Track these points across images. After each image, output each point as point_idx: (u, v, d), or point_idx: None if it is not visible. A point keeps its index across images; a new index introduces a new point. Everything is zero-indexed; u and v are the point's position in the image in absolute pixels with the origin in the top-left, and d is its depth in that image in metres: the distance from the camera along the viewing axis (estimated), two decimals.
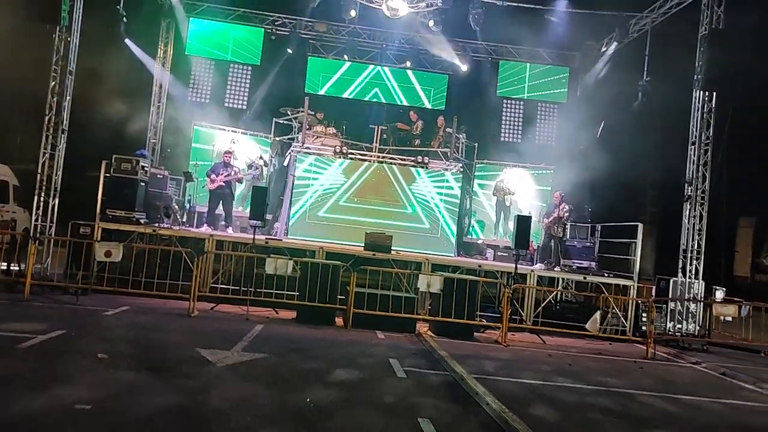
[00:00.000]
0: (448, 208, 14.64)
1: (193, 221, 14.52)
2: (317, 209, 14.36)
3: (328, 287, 10.36)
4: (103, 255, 10.06)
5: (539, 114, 17.57)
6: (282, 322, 10.34)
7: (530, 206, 15.83)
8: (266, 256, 10.49)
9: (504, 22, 15.60)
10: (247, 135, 15.91)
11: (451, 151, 15.20)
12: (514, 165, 16.29)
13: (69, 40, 11.08)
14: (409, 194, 14.60)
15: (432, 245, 14.42)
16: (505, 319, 10.42)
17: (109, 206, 11.88)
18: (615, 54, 15.38)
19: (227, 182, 13.33)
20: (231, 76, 17.04)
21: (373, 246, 12.20)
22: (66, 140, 11.29)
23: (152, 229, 11.85)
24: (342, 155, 14.69)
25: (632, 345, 11.57)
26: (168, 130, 16.40)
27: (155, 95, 16.44)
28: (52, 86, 11.07)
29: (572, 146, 16.56)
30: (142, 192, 12.34)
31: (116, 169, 11.93)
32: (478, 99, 17.31)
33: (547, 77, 17.37)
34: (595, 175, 14.99)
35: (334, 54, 17.41)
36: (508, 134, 17.61)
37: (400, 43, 17.17)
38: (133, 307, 10.12)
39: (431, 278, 10.40)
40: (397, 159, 15.19)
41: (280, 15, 16.90)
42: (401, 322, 10.33)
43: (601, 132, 15.10)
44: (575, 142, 16.51)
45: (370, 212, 14.44)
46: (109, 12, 12.94)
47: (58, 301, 9.94)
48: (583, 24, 15.41)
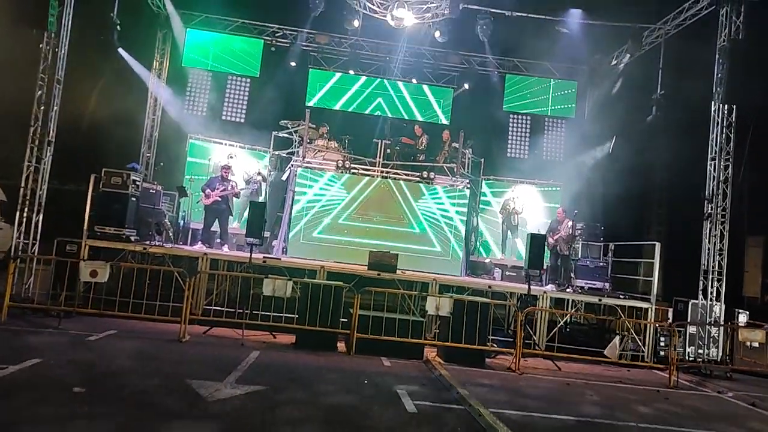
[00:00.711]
0: (455, 226, 14.00)
1: (186, 239, 13.87)
2: (318, 226, 13.71)
3: (329, 310, 9.69)
4: (88, 275, 9.37)
5: (546, 129, 17.04)
6: (280, 347, 9.64)
7: (539, 224, 15.20)
8: (264, 277, 9.82)
9: (511, 34, 15.15)
10: (245, 149, 15.31)
11: (457, 167, 14.61)
12: (521, 181, 15.69)
13: (57, 47, 10.50)
14: (414, 211, 13.97)
15: (438, 264, 13.76)
16: (518, 345, 9.74)
17: (98, 223, 11.23)
18: (626, 67, 14.87)
19: (223, 197, 12.69)
20: (229, 89, 16.49)
21: (378, 265, 11.54)
22: (52, 152, 10.66)
23: (143, 247, 11.18)
24: (344, 170, 14.09)
25: (651, 371, 10.91)
26: (163, 143, 15.80)
27: (150, 107, 15.87)
28: (38, 95, 10.47)
29: (581, 162, 16.00)
30: (133, 208, 11.70)
31: (106, 183, 11.30)
32: (484, 113, 16.76)
33: (555, 92, 16.85)
34: (607, 192, 14.42)
35: (335, 66, 16.89)
36: (515, 150, 17.05)
37: (404, 55, 16.65)
38: (121, 331, 9.44)
39: (440, 300, 9.73)
40: (401, 174, 14.59)
41: (280, 26, 16.40)
42: (408, 347, 9.65)
43: (613, 147, 14.53)
44: (584, 158, 15.96)
45: (373, 229, 13.80)
46: (102, 20, 12.39)
47: (38, 325, 9.23)
48: (592, 37, 14.92)
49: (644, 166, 13.89)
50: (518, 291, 11.90)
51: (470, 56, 16.65)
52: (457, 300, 9.85)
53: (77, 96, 11.56)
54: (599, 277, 13.18)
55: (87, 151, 12.75)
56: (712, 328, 11.39)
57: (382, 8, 13.74)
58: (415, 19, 13.61)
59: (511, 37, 15.42)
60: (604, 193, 14.37)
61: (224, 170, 12.98)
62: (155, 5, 15.35)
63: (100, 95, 12.65)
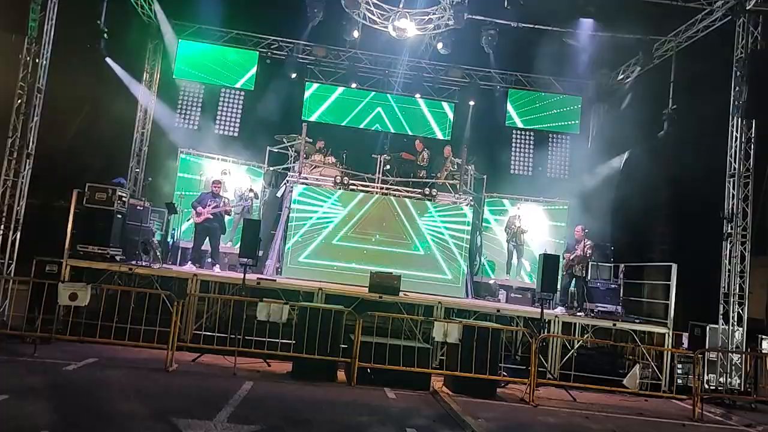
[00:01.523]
0: (458, 245, 13.34)
1: (176, 258, 13.14)
2: (315, 245, 13.00)
3: (329, 336, 8.97)
4: (67, 298, 8.62)
5: (551, 145, 16.50)
6: (275, 377, 8.89)
7: (544, 243, 14.59)
8: (258, 300, 9.09)
9: (515, 47, 14.69)
10: (238, 164, 14.64)
11: (460, 183, 14.01)
12: (525, 199, 15.09)
13: (38, 55, 9.84)
14: (415, 229, 13.30)
15: (441, 285, 13.08)
16: (533, 374, 9.04)
17: (81, 241, 10.51)
18: (635, 82, 14.40)
19: (215, 215, 11.98)
20: (222, 102, 15.86)
21: (379, 287, 10.85)
22: (32, 166, 9.95)
23: (128, 268, 10.44)
24: (342, 186, 13.44)
25: (669, 401, 10.24)
26: (152, 158, 15.12)
27: (139, 121, 15.20)
28: (17, 105, 9.78)
29: (588, 179, 15.46)
30: (118, 225, 11.00)
31: (90, 199, 10.60)
32: (486, 129, 16.23)
33: (559, 107, 16.34)
34: (616, 211, 13.85)
35: (333, 80, 16.32)
36: (519, 166, 16.49)
37: (404, 69, 16.12)
38: (102, 359, 8.69)
39: (448, 326, 9.03)
40: (401, 191, 13.96)
41: (276, 38, 15.84)
42: (413, 377, 8.92)
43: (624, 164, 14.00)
44: (592, 175, 15.42)
45: (373, 249, 13.10)
46: (88, 27, 11.76)
47: (12, 353, 8.45)
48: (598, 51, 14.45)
49: (656, 184, 13.32)
50: (528, 315, 11.23)
51: (472, 70, 16.14)
52: (466, 325, 9.15)
53: (60, 106, 10.83)
54: (611, 300, 12.58)
55: (70, 166, 12.00)
56: (734, 355, 10.74)
57: (382, 19, 13.21)
58: (417, 31, 13.07)
59: (515, 50, 14.96)
60: (613, 211, 13.78)
61: (215, 186, 12.29)
62: (146, 15, 14.77)
63: (85, 106, 11.94)
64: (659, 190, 13.55)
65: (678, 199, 12.82)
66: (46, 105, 10.16)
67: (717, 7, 11.61)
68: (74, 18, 10.99)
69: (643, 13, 12.60)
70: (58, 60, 10.32)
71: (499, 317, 11.22)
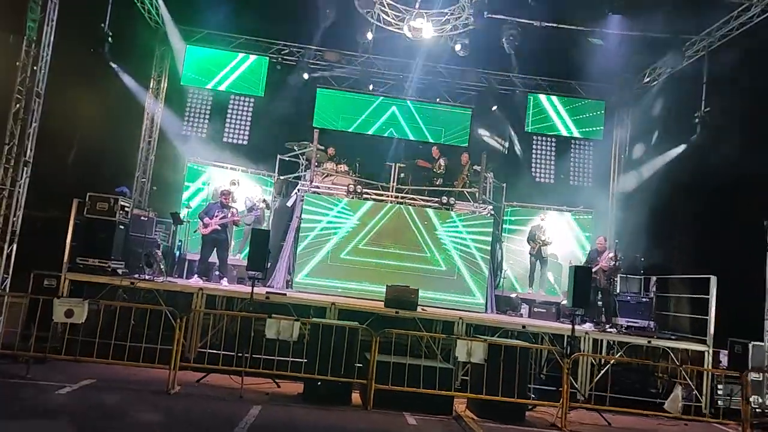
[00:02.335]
0: (477, 257, 12.63)
1: (182, 271, 12.56)
2: (327, 257, 12.36)
3: (343, 354, 8.32)
4: (62, 315, 8.03)
5: (573, 152, 15.79)
6: (285, 399, 8.24)
7: (568, 254, 13.86)
8: (266, 316, 8.45)
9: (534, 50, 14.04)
10: (247, 173, 14.08)
11: (479, 192, 13.33)
12: (548, 208, 14.37)
13: (38, 57, 9.34)
14: (433, 240, 12.61)
15: (460, 300, 12.39)
16: (565, 397, 8.30)
17: (81, 253, 9.96)
18: (663, 83, 13.71)
19: (223, 226, 11.39)
20: (231, 109, 15.35)
21: (396, 302, 10.17)
22: (29, 174, 9.42)
23: (130, 281, 9.85)
24: (356, 195, 12.81)
25: (710, 425, 9.43)
26: (158, 167, 14.62)
27: (146, 129, 14.73)
28: (15, 110, 9.27)
29: (613, 187, 14.74)
30: (120, 237, 10.44)
31: (90, 209, 10.05)
32: (505, 135, 15.54)
33: (581, 112, 15.66)
34: (645, 220, 13.09)
35: (346, 85, 15.77)
36: (540, 174, 15.77)
37: (419, 74, 15.52)
38: (100, 380, 8.10)
39: (472, 344, 8.32)
40: (417, 200, 13.31)
41: (286, 43, 15.34)
42: (434, 400, 8.23)
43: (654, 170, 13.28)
44: (618, 183, 14.71)
45: (388, 261, 12.43)
46: (92, 31, 11.27)
47: (3, 374, 7.86)
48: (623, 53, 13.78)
49: (689, 191, 12.56)
50: (555, 331, 10.50)
51: (490, 74, 15.52)
52: (492, 344, 8.44)
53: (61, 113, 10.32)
54: (642, 314, 11.75)
55: (71, 175, 11.47)
56: None
57: (397, 20, 12.65)
58: (434, 32, 12.48)
59: (535, 53, 14.32)
60: (642, 220, 13.02)
61: (224, 196, 11.71)
62: (153, 20, 14.34)
63: (88, 112, 11.43)
64: (692, 198, 12.77)
65: (714, 207, 12.02)
66: (46, 111, 9.65)
67: (755, 3, 10.92)
68: (77, 21, 10.50)
69: (672, 11, 11.94)
70: (59, 64, 9.81)
71: (523, 334, 10.48)
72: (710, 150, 12.05)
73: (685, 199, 12.61)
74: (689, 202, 12.59)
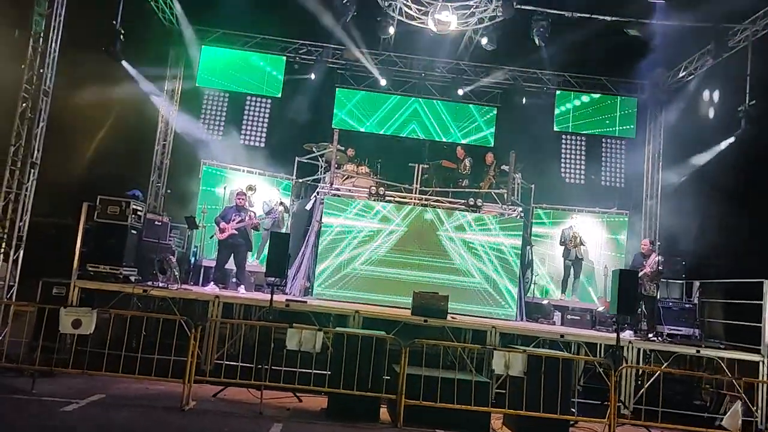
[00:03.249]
0: (507, 262, 11.95)
1: (198, 278, 12.04)
2: (349, 263, 11.76)
3: (370, 366, 7.70)
4: (69, 325, 7.50)
5: (605, 151, 15.04)
6: (307, 416, 7.62)
7: (602, 257, 13.14)
8: (287, 325, 7.84)
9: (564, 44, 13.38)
10: (265, 176, 13.54)
11: (508, 193, 12.66)
12: (579, 210, 13.64)
13: (45, 54, 8.89)
14: (458, 244, 11.96)
15: (488, 306, 11.73)
16: (612, 413, 7.59)
17: (91, 260, 9.46)
18: (702, 76, 12.95)
19: (240, 230, 10.85)
20: (248, 110, 14.84)
21: (424, 309, 9.52)
22: (36, 177, 8.95)
23: (143, 289, 9.32)
24: (378, 197, 12.20)
25: None
26: (174, 170, 14.14)
27: (161, 132, 14.26)
28: (21, 110, 8.82)
29: (648, 188, 14.00)
30: (133, 242, 9.94)
31: (101, 213, 9.56)
32: (532, 134, 14.83)
33: (613, 110, 14.92)
34: (686, 221, 12.31)
35: (365, 85, 15.19)
36: (570, 174, 15.03)
37: (442, 71, 14.94)
38: (109, 396, 7.57)
39: (510, 356, 7.64)
40: (443, 202, 12.68)
41: (304, 42, 14.80)
42: (469, 416, 7.58)
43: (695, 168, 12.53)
44: (652, 183, 13.96)
45: (412, 265, 11.80)
46: (103, 27, 10.81)
47: (7, 389, 7.35)
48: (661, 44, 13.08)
49: (732, 189, 11.76)
50: (593, 340, 9.80)
51: (516, 71, 14.85)
52: (531, 355, 7.75)
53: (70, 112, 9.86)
54: (686, 321, 11.05)
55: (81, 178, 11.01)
56: None
57: (420, 13, 12.06)
58: (459, 25, 11.87)
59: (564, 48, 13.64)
60: (682, 222, 12.25)
61: (240, 198, 11.17)
62: (167, 20, 13.88)
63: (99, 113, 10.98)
64: (738, 197, 11.97)
65: (762, 206, 11.23)
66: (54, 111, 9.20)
67: None
68: (86, 18, 10.08)
69: None
70: (68, 62, 9.38)
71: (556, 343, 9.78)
72: (757, 145, 11.28)
73: (729, 198, 11.80)
74: (734, 202, 11.78)
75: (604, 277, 12.48)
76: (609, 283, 12.48)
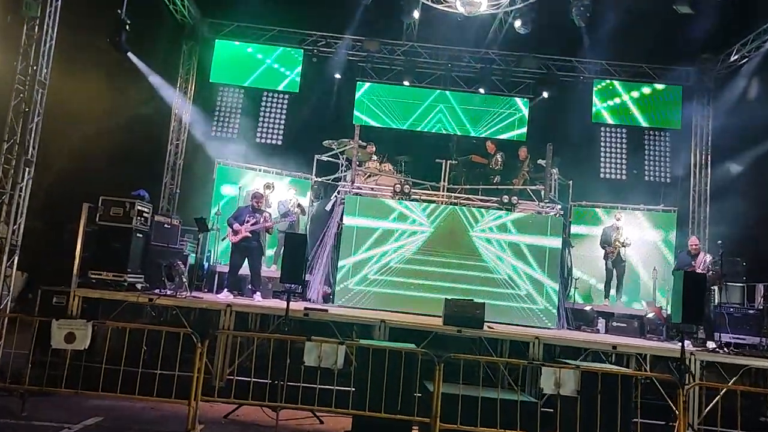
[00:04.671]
0: (545, 265, 10.93)
1: (212, 285, 11.22)
2: (373, 267, 10.85)
3: (399, 383, 6.72)
4: (62, 340, 6.69)
5: (647, 144, 13.92)
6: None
7: (648, 258, 12.03)
8: (305, 339, 6.93)
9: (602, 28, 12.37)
10: (282, 175, 12.71)
11: (546, 190, 11.64)
12: (623, 207, 12.54)
13: (41, 41, 8.15)
14: (492, 246, 10.97)
15: (526, 314, 10.72)
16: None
17: (93, 266, 8.69)
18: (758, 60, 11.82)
19: (254, 233, 10.00)
20: (264, 107, 14.07)
21: (458, 318, 8.54)
22: (32, 176, 8.20)
23: (148, 298, 8.51)
24: (403, 196, 11.28)
25: None
26: (187, 170, 13.42)
27: (173, 131, 13.55)
28: (15, 103, 8.09)
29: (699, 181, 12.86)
30: (139, 246, 9.15)
31: (104, 215, 8.79)
32: (568, 127, 13.79)
33: (655, 99, 13.82)
34: (746, 218, 11.18)
35: (387, 78, 14.31)
36: (609, 169, 13.93)
37: (469, 61, 14.00)
38: (109, 418, 6.73)
39: (561, 373, 6.63)
40: (474, 200, 11.71)
41: (323, 34, 14.00)
42: None
43: None
44: (702, 176, 12.83)
45: (442, 269, 10.85)
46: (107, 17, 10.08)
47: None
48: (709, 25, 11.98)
49: None
50: (649, 351, 8.73)
51: (549, 60, 13.83)
52: (585, 372, 6.73)
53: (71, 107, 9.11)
54: (750, 329, 9.91)
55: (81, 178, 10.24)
56: None
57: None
58: (490, 7, 10.91)
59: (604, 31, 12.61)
60: (740, 219, 11.13)
61: (255, 200, 10.32)
62: (179, 14, 13.18)
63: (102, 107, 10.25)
64: None
65: None
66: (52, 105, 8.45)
67: None
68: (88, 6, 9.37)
69: None
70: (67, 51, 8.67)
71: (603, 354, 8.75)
72: None
73: None
74: None
75: (653, 280, 11.40)
76: (658, 287, 11.46)
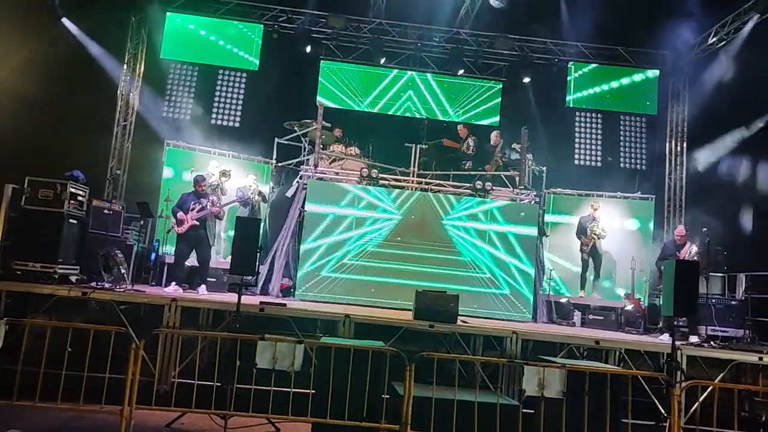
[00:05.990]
0: (520, 255, 10.32)
1: (161, 278, 10.25)
2: (337, 256, 10.07)
3: (365, 385, 5.97)
4: None
5: (623, 130, 13.44)
6: None
7: (625, 248, 11.52)
8: (258, 338, 6.09)
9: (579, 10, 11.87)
10: (240, 159, 11.77)
11: (521, 175, 11.01)
12: (599, 195, 12.01)
13: None
14: (464, 234, 10.31)
15: (500, 306, 10.13)
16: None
17: (18, 256, 7.66)
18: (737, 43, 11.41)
19: (201, 220, 9.06)
20: (220, 86, 13.05)
21: (429, 312, 7.82)
22: None
23: (82, 292, 7.53)
24: (370, 181, 10.51)
25: None
26: (135, 154, 12.36)
27: (120, 112, 12.45)
28: None
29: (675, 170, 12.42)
30: (72, 234, 8.18)
31: (30, 198, 7.77)
32: (542, 111, 13.22)
33: (632, 83, 13.35)
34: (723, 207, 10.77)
35: (354, 57, 13.46)
36: (585, 155, 13.42)
37: (440, 41, 13.27)
38: (30, 430, 5.76)
39: (546, 373, 5.95)
40: (445, 186, 11.01)
41: (284, 8, 13.05)
42: None
43: None
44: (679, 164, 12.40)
45: (412, 259, 10.15)
46: None
47: None
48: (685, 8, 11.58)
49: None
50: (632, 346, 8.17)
51: (523, 41, 13.19)
52: (572, 370, 6.08)
53: None
54: (733, 321, 9.47)
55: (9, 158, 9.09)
56: None
57: None
58: None
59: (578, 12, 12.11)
60: (719, 207, 10.70)
61: (198, 184, 9.31)
62: None
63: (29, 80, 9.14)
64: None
65: None
66: None
67: None
68: None
69: None
70: None
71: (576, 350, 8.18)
72: None
73: None
74: None
75: (632, 270, 10.89)
76: (636, 278, 10.98)
